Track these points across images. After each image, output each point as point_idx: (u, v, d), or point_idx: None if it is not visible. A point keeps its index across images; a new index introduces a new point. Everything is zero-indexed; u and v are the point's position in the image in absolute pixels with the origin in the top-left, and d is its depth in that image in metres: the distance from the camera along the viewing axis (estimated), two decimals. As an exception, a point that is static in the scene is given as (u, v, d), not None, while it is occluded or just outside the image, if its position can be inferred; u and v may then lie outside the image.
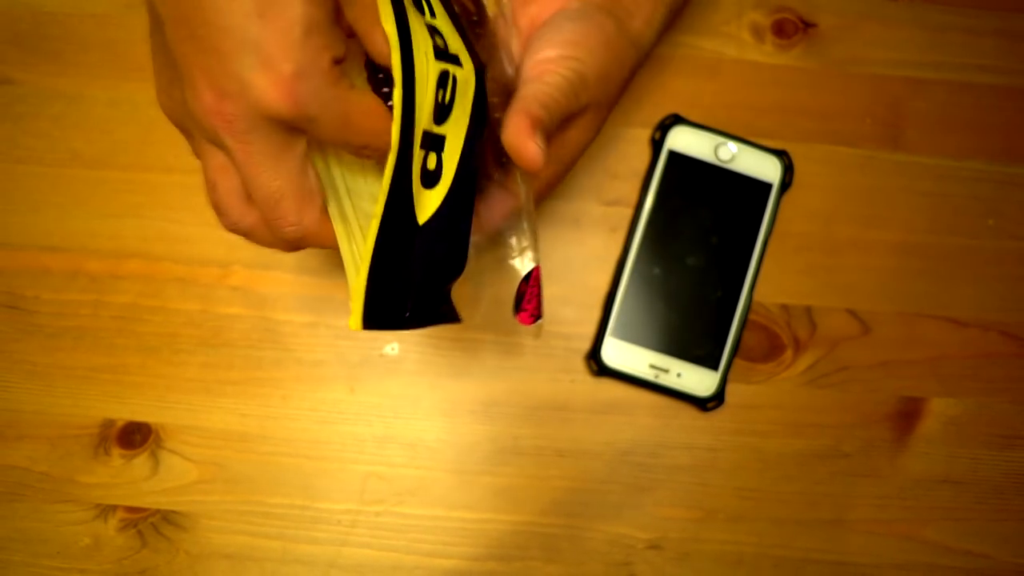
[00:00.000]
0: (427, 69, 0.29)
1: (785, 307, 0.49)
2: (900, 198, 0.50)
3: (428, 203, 0.31)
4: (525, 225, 0.35)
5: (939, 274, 0.49)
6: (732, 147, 0.49)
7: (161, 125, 0.49)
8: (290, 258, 0.48)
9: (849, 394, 0.48)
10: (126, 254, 0.49)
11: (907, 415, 0.49)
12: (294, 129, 0.28)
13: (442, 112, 0.30)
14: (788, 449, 0.48)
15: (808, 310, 0.49)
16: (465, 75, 0.31)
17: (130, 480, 0.47)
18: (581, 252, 0.49)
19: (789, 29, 0.51)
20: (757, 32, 0.51)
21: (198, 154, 0.32)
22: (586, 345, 0.48)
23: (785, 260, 0.49)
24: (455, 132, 0.31)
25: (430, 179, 0.30)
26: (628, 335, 0.48)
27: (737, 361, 0.48)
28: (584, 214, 0.49)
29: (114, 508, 0.47)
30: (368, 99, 0.29)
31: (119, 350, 0.48)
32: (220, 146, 0.29)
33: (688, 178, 0.49)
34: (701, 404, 0.48)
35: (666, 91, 0.50)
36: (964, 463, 0.48)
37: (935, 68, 0.51)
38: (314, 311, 0.48)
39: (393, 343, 0.48)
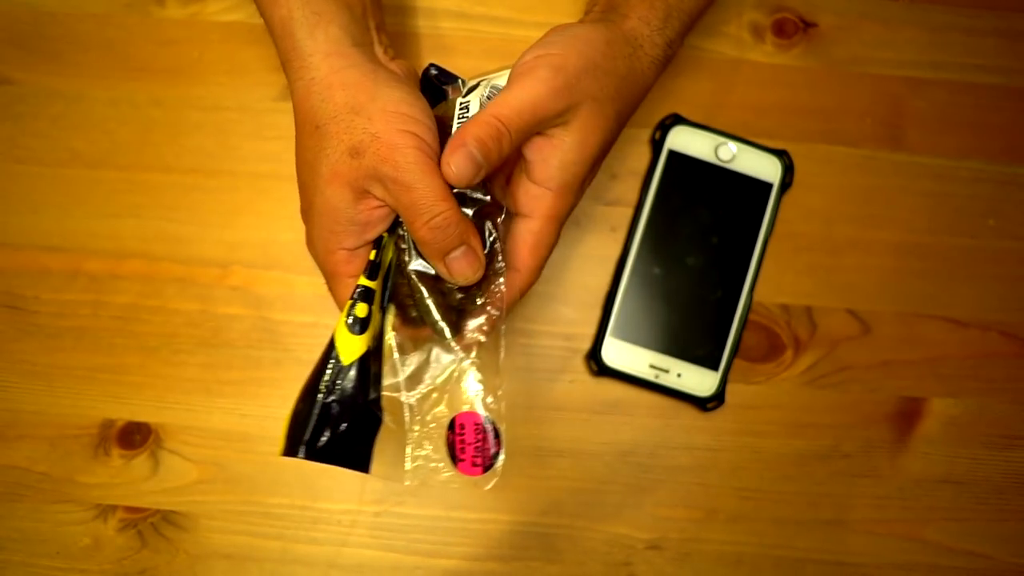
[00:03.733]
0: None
1: (785, 307, 0.49)
2: (900, 198, 0.50)
3: (355, 349, 0.35)
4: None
5: (939, 274, 0.49)
6: (732, 147, 0.49)
7: (161, 125, 0.49)
8: (290, 258, 0.48)
9: (849, 394, 0.48)
10: (126, 254, 0.49)
11: (907, 415, 0.49)
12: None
13: (372, 268, 0.36)
14: (788, 449, 0.48)
15: (808, 310, 0.49)
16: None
17: (130, 480, 0.47)
18: (581, 252, 0.49)
19: (789, 29, 0.51)
20: (757, 32, 0.51)
21: None
22: (586, 345, 0.48)
23: (785, 260, 0.49)
24: (379, 286, 0.37)
25: (360, 327, 0.35)
26: (628, 335, 0.48)
27: (737, 361, 0.48)
28: (584, 214, 0.49)
29: (114, 508, 0.47)
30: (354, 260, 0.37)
31: (119, 350, 0.48)
32: None
33: (688, 178, 0.49)
34: (701, 404, 0.48)
35: (666, 91, 0.50)
36: (964, 463, 0.48)
37: (935, 68, 0.51)
38: (314, 311, 0.48)
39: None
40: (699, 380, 0.47)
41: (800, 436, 0.48)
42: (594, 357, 0.48)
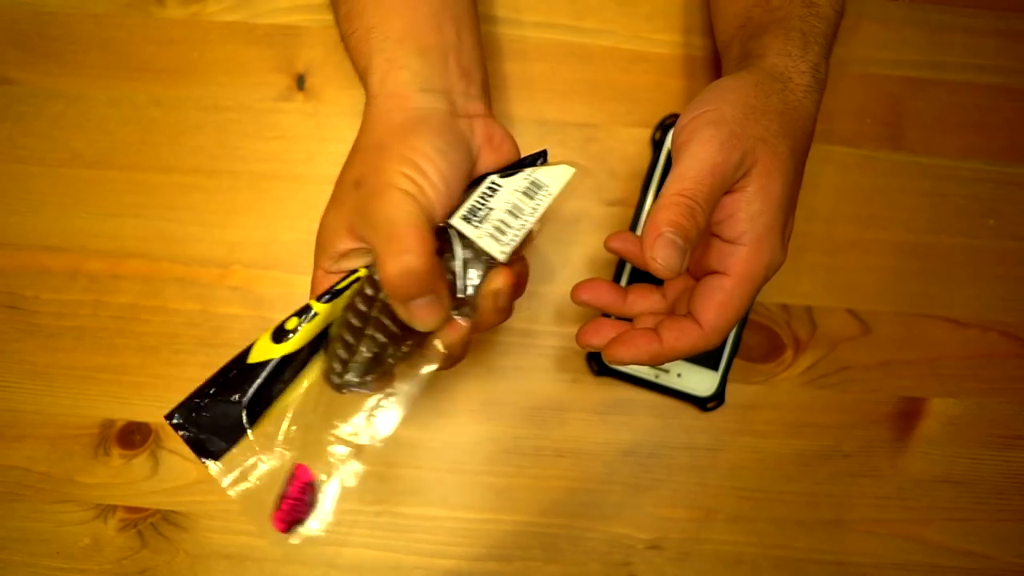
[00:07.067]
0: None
1: (785, 307, 0.49)
2: (900, 198, 0.50)
3: (265, 352, 0.34)
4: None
5: (939, 274, 0.49)
6: (732, 147, 0.48)
7: (161, 125, 0.49)
8: (290, 258, 0.48)
9: (849, 394, 0.48)
10: (126, 254, 0.49)
11: (907, 415, 0.49)
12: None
13: (331, 294, 0.35)
14: (788, 449, 0.48)
15: (808, 310, 0.49)
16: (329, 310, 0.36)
17: (130, 480, 0.47)
18: (581, 252, 0.49)
19: (789, 29, 0.51)
20: (757, 32, 0.51)
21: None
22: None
23: (785, 260, 0.49)
24: (327, 313, 0.35)
25: (280, 336, 0.34)
26: (628, 335, 0.48)
27: (737, 361, 0.48)
28: (584, 214, 0.49)
29: (114, 508, 0.47)
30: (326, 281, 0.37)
31: (119, 350, 0.48)
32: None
33: (688, 178, 0.48)
34: (701, 404, 0.48)
35: (666, 91, 0.50)
36: (964, 463, 0.48)
37: (935, 68, 0.51)
38: (314, 311, 0.48)
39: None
40: (699, 380, 0.47)
41: (800, 436, 0.48)
42: (594, 357, 0.48)
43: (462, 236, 0.35)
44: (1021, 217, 0.50)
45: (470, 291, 0.35)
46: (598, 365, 0.47)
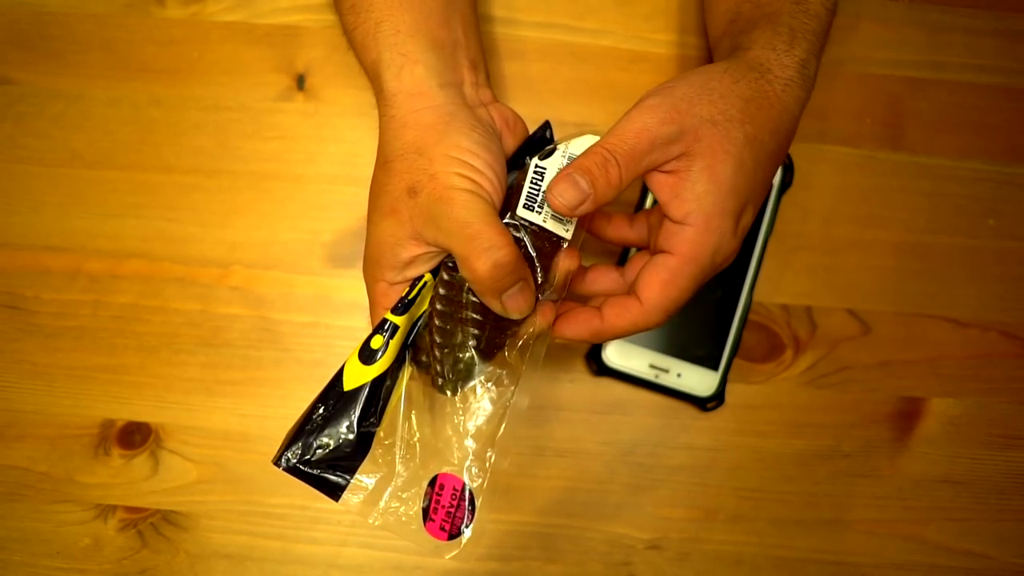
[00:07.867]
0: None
1: (785, 307, 0.49)
2: (900, 198, 0.50)
3: (359, 376, 0.35)
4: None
5: (939, 274, 0.49)
6: (732, 147, 0.48)
7: (161, 125, 0.49)
8: (290, 258, 0.48)
9: (849, 394, 0.48)
10: (126, 254, 0.49)
11: (907, 415, 0.49)
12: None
13: (404, 305, 0.36)
14: (788, 449, 0.48)
15: (808, 310, 0.49)
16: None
17: (130, 480, 0.47)
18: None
19: (789, 29, 0.51)
20: (757, 32, 0.51)
21: None
22: (586, 345, 0.48)
23: (785, 260, 0.49)
24: (404, 324, 0.36)
25: (369, 357, 0.35)
26: (628, 335, 0.48)
27: (737, 361, 0.48)
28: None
29: (114, 508, 0.47)
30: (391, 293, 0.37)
31: (119, 350, 0.48)
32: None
33: (688, 178, 0.49)
34: (701, 404, 0.48)
35: (666, 91, 0.50)
36: (964, 463, 0.48)
37: (935, 68, 0.51)
38: (313, 311, 0.48)
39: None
40: (699, 380, 0.47)
41: (800, 436, 0.48)
42: (594, 357, 0.48)
43: (528, 224, 0.36)
44: (1021, 217, 0.50)
45: (547, 274, 0.36)
46: (597, 365, 0.47)
